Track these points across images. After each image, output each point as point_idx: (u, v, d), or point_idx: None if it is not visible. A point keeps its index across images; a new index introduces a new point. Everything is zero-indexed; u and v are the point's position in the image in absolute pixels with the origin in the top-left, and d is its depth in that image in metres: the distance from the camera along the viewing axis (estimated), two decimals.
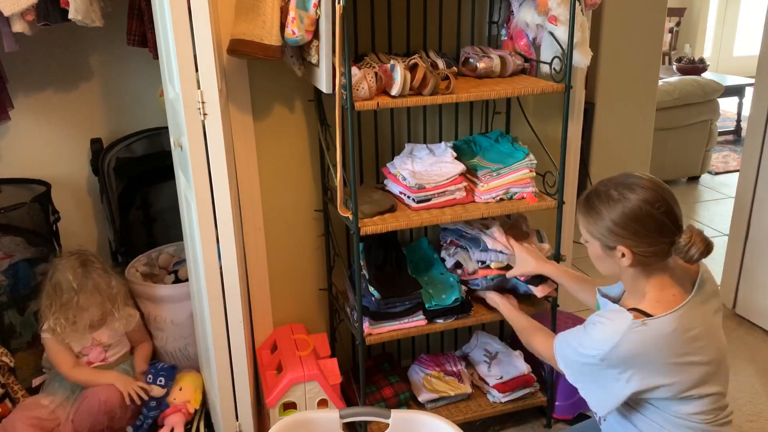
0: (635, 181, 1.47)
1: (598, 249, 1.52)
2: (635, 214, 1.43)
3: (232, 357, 1.98)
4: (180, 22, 1.64)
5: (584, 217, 1.52)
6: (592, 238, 1.51)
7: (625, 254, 1.46)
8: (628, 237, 1.44)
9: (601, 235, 1.48)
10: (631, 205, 1.43)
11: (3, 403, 2.25)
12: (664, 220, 1.44)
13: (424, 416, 1.69)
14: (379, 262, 2.17)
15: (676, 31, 7.27)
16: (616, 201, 1.45)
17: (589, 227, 1.51)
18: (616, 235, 1.45)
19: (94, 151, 2.62)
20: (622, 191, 1.45)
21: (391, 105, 1.90)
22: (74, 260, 2.23)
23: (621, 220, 1.44)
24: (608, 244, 1.48)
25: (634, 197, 1.43)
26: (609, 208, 1.45)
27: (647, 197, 1.43)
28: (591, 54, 2.10)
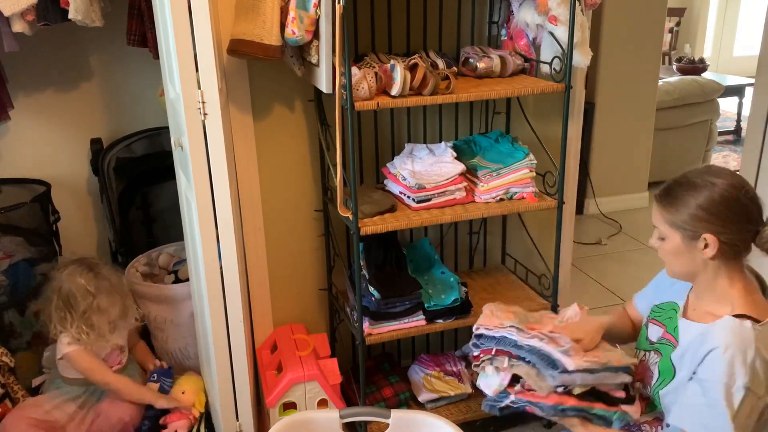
0: (717, 170, 1.44)
1: (678, 241, 1.44)
2: (724, 198, 1.39)
3: (232, 357, 1.98)
4: (180, 21, 1.64)
5: (665, 207, 1.45)
6: (673, 229, 1.44)
7: (709, 244, 1.40)
8: (715, 223, 1.39)
9: (684, 224, 1.42)
10: (719, 190, 1.39)
11: (3, 403, 2.25)
12: (751, 207, 1.41)
13: (424, 416, 1.69)
14: (379, 262, 2.17)
15: (676, 31, 7.27)
16: (701, 187, 1.41)
17: (670, 217, 1.44)
18: (702, 221, 1.40)
19: (94, 151, 2.62)
20: (707, 178, 1.42)
21: (391, 105, 1.90)
22: (79, 266, 2.19)
23: (708, 204, 1.39)
24: (693, 232, 1.41)
25: (720, 182, 1.40)
26: (695, 194, 1.40)
27: (734, 182, 1.41)
28: (591, 54, 2.10)
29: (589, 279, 3.44)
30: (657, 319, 1.61)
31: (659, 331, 1.59)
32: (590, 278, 3.44)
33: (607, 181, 4.25)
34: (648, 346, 1.61)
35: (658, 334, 1.58)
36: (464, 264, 2.60)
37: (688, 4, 7.75)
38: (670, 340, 1.53)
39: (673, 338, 1.53)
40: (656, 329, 1.60)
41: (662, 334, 1.57)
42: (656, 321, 1.61)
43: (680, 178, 1.46)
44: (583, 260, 3.61)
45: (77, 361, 2.16)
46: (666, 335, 1.56)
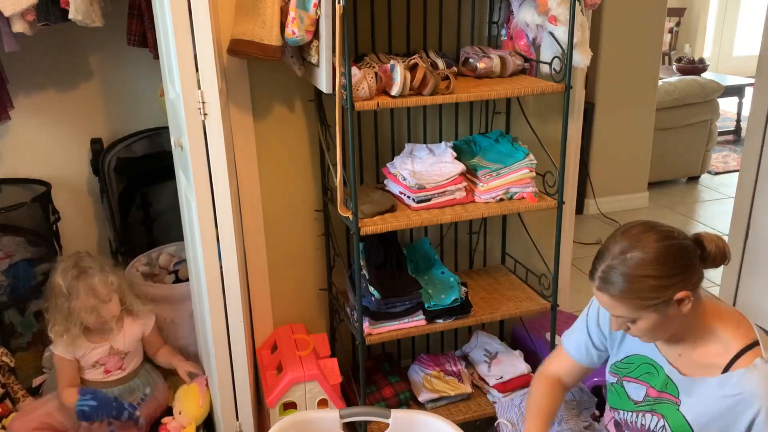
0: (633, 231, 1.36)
1: (654, 317, 1.35)
2: (670, 252, 1.32)
3: (232, 357, 1.98)
4: (180, 22, 1.64)
5: (622, 297, 1.34)
6: (644, 309, 1.34)
7: (684, 299, 1.33)
8: (679, 277, 1.32)
9: (654, 299, 1.32)
10: (659, 247, 1.32)
11: (3, 403, 2.25)
12: (687, 243, 1.35)
13: (424, 416, 1.69)
14: (379, 262, 2.17)
15: (676, 31, 7.27)
16: (642, 257, 1.31)
17: (635, 302, 1.34)
18: (668, 287, 1.32)
19: (94, 151, 2.62)
20: (636, 247, 1.32)
21: (391, 105, 1.90)
22: (67, 264, 2.14)
23: (664, 267, 1.31)
24: (664, 301, 1.32)
25: (652, 240, 1.32)
26: (644, 267, 1.31)
27: (661, 233, 1.34)
28: (591, 54, 2.10)
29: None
30: (631, 375, 1.54)
31: (642, 390, 1.51)
32: None
33: (607, 181, 4.25)
34: (633, 406, 1.53)
35: (643, 393, 1.51)
36: (464, 264, 2.60)
37: (688, 4, 7.75)
38: (668, 398, 1.46)
39: (670, 395, 1.46)
40: (637, 387, 1.52)
41: (649, 392, 1.50)
42: (632, 378, 1.53)
43: (609, 259, 1.34)
44: (583, 260, 3.61)
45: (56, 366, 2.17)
46: (659, 394, 1.48)
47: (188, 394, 2.21)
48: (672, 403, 1.45)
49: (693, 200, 4.67)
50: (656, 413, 1.48)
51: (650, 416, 1.49)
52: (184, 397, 2.21)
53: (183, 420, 2.17)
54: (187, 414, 2.17)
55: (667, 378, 1.47)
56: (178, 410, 2.19)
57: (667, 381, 1.47)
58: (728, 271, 3.10)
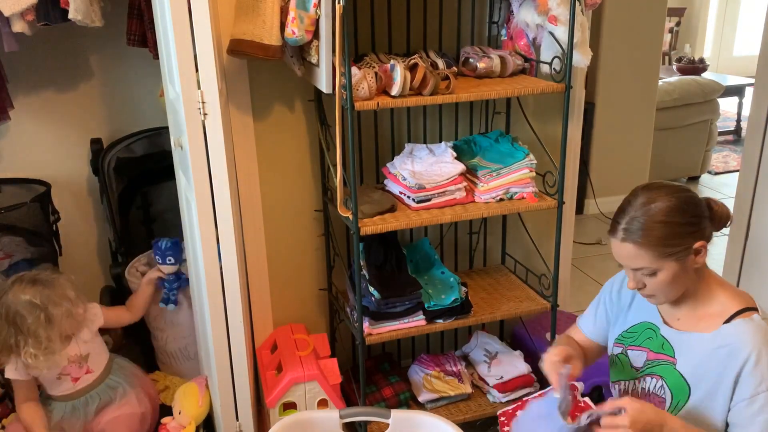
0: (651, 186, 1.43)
1: (675, 267, 1.39)
2: (688, 201, 1.40)
3: (232, 357, 1.98)
4: (180, 22, 1.64)
5: (648, 244, 1.38)
6: (667, 258, 1.38)
7: (701, 249, 1.39)
8: (698, 226, 1.39)
9: (678, 245, 1.38)
10: (678, 197, 1.39)
11: (3, 403, 2.25)
12: (699, 197, 1.43)
13: (424, 416, 1.69)
14: (379, 262, 2.17)
15: (676, 31, 7.27)
16: (665, 205, 1.38)
17: (660, 249, 1.37)
18: (689, 233, 1.38)
19: (94, 151, 2.62)
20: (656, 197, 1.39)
21: (391, 105, 1.90)
22: (20, 284, 2.00)
23: (685, 215, 1.38)
24: (685, 249, 1.38)
25: (670, 192, 1.40)
26: (669, 214, 1.37)
27: (675, 186, 1.42)
28: (591, 54, 2.10)
29: (589, 279, 3.44)
30: (634, 344, 1.57)
31: (643, 355, 1.54)
32: (590, 278, 3.45)
33: (607, 181, 4.25)
34: (635, 374, 1.56)
35: (643, 359, 1.54)
36: (464, 264, 2.60)
37: (688, 4, 7.74)
38: (665, 359, 1.49)
39: (667, 356, 1.49)
40: (639, 354, 1.55)
41: (648, 357, 1.53)
42: (635, 346, 1.57)
43: (632, 211, 1.40)
44: (583, 260, 3.61)
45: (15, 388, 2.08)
46: (656, 356, 1.51)
47: (187, 393, 2.20)
48: (668, 363, 1.49)
49: None
50: (655, 375, 1.51)
51: (650, 379, 1.52)
52: (183, 396, 2.20)
53: (183, 420, 2.16)
54: (187, 414, 2.16)
55: (663, 338, 1.51)
56: (178, 410, 2.18)
57: (663, 341, 1.51)
58: (728, 271, 3.10)
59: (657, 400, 1.50)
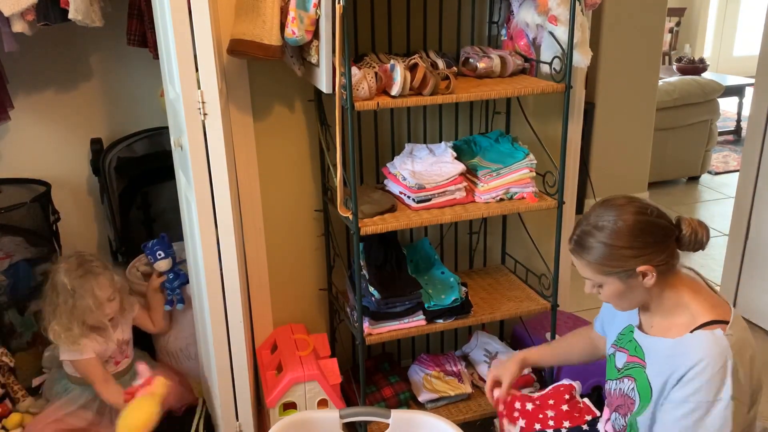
0: (613, 203, 1.44)
1: (618, 285, 1.44)
2: (639, 227, 1.40)
3: (232, 357, 1.98)
4: (180, 22, 1.64)
5: (589, 261, 1.44)
6: (608, 275, 1.44)
7: (647, 273, 1.41)
8: (643, 252, 1.40)
9: (617, 267, 1.42)
10: (631, 221, 1.40)
11: (3, 403, 2.25)
12: (662, 221, 1.43)
13: (424, 416, 1.69)
14: (379, 262, 2.17)
15: (676, 31, 7.27)
16: (611, 226, 1.40)
17: (600, 267, 1.43)
18: (630, 258, 1.40)
19: (94, 151, 2.62)
20: (610, 216, 1.41)
21: (391, 105, 1.90)
22: (69, 263, 2.15)
23: (630, 239, 1.39)
24: (627, 270, 1.41)
25: (626, 215, 1.40)
26: (612, 236, 1.40)
27: (637, 208, 1.41)
28: (591, 54, 2.10)
29: None
30: (621, 345, 1.60)
31: (624, 357, 1.57)
32: None
33: (607, 181, 4.24)
34: (617, 374, 1.59)
35: (623, 360, 1.57)
36: (464, 264, 2.60)
37: (688, 4, 7.74)
38: (637, 362, 1.52)
39: (638, 359, 1.51)
40: (622, 356, 1.59)
41: (626, 359, 1.56)
42: (621, 348, 1.60)
43: (585, 227, 1.45)
44: None
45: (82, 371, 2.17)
46: (631, 358, 1.54)
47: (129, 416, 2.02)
48: (640, 366, 1.51)
49: (693, 200, 4.67)
50: (630, 377, 1.53)
51: (627, 380, 1.55)
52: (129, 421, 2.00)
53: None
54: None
55: (635, 342, 1.54)
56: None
57: (636, 345, 1.53)
58: (728, 271, 3.10)
59: (629, 401, 1.53)
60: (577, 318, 2.64)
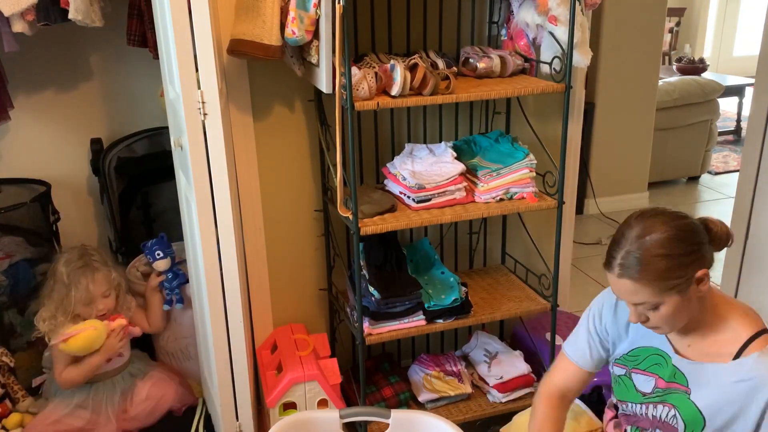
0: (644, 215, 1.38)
1: (677, 299, 1.34)
2: (684, 230, 1.34)
3: (232, 357, 1.98)
4: (180, 22, 1.64)
5: (649, 280, 1.33)
6: (668, 292, 1.33)
7: (703, 277, 1.34)
8: (697, 255, 1.34)
9: (679, 278, 1.33)
10: (674, 227, 1.33)
11: (3, 403, 2.25)
12: (695, 223, 1.38)
13: (424, 416, 1.69)
14: (379, 262, 2.17)
15: (676, 31, 7.27)
16: (660, 237, 1.32)
17: (661, 283, 1.33)
18: (687, 265, 1.33)
19: (94, 151, 2.62)
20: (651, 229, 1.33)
21: (391, 105, 1.90)
22: (71, 255, 2.21)
23: (685, 245, 1.33)
24: (686, 280, 1.33)
25: (664, 222, 1.34)
26: (667, 246, 1.32)
27: (670, 214, 1.36)
28: (591, 54, 2.10)
29: (589, 279, 3.44)
30: (639, 367, 1.53)
31: (651, 381, 1.50)
32: (590, 278, 3.45)
33: (607, 181, 4.25)
34: (642, 398, 1.52)
35: (652, 385, 1.50)
36: (464, 264, 2.60)
37: (688, 4, 7.74)
38: (678, 388, 1.45)
39: (680, 385, 1.45)
40: (646, 379, 1.51)
41: (657, 384, 1.49)
42: (640, 370, 1.53)
43: (627, 245, 1.35)
44: (583, 260, 3.61)
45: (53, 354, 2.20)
46: (667, 384, 1.47)
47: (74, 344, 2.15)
48: (682, 392, 1.44)
49: (693, 200, 4.66)
50: (667, 404, 1.47)
51: (661, 407, 1.48)
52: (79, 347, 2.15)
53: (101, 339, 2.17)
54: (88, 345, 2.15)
55: (674, 368, 1.46)
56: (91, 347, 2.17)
57: (675, 371, 1.46)
58: (728, 271, 3.10)
59: (669, 428, 1.47)
60: (576, 318, 2.63)
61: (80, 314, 2.18)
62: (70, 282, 2.15)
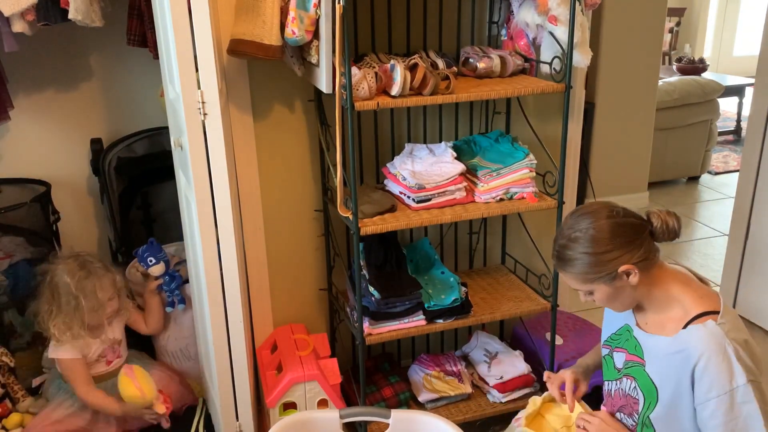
0: (581, 212, 1.48)
1: (606, 289, 1.47)
2: (611, 230, 1.43)
3: (232, 357, 1.98)
4: (180, 22, 1.64)
5: (572, 272, 1.48)
6: (594, 283, 1.47)
7: (629, 271, 1.43)
8: (620, 253, 1.42)
9: (600, 273, 1.45)
10: (598, 226, 1.43)
11: (3, 403, 2.25)
12: (632, 220, 1.45)
13: (424, 416, 1.69)
14: (379, 262, 2.17)
15: (676, 31, 7.27)
16: (584, 235, 1.44)
17: (584, 276, 1.47)
18: (609, 261, 1.43)
19: (94, 151, 2.62)
20: (580, 226, 1.45)
21: (391, 105, 1.90)
22: (71, 263, 2.17)
23: (602, 245, 1.43)
24: (609, 274, 1.44)
25: (596, 221, 1.44)
26: (585, 245, 1.44)
27: (604, 213, 1.45)
28: (591, 54, 2.10)
29: None
30: (618, 346, 1.62)
31: (623, 356, 1.59)
32: None
33: (607, 181, 4.24)
34: (616, 374, 1.61)
35: (622, 359, 1.58)
36: (464, 264, 2.60)
37: (688, 4, 7.74)
38: (636, 361, 1.53)
39: (638, 357, 1.53)
40: (620, 355, 1.60)
41: (626, 357, 1.57)
42: (618, 348, 1.61)
43: (561, 239, 1.48)
44: None
45: (65, 370, 2.19)
46: (630, 357, 1.56)
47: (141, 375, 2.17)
48: (639, 365, 1.52)
49: (693, 200, 4.66)
50: (630, 376, 1.55)
51: (626, 380, 1.56)
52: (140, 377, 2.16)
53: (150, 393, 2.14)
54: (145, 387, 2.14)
55: (635, 340, 1.55)
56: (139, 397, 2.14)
57: (636, 343, 1.55)
58: (728, 271, 3.10)
59: (632, 401, 1.54)
60: (576, 318, 2.64)
61: (89, 321, 2.16)
62: (79, 292, 2.12)
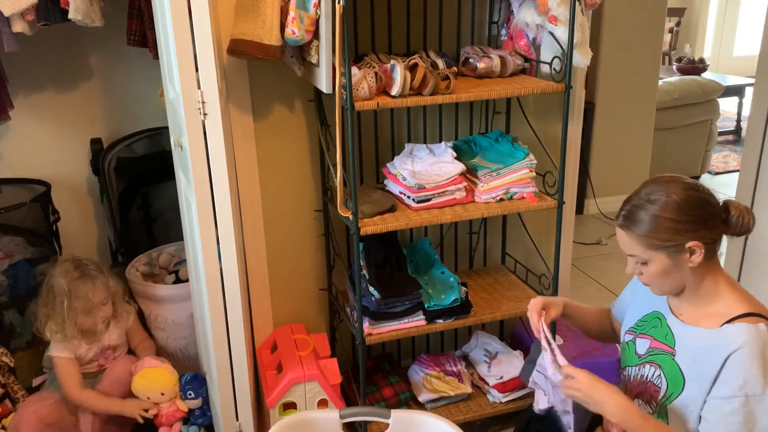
0: (663, 179, 1.44)
1: (665, 260, 1.41)
2: (691, 201, 1.38)
3: (232, 357, 1.98)
4: (180, 22, 1.64)
5: (639, 234, 1.41)
6: (656, 250, 1.40)
7: (696, 249, 1.38)
8: (694, 227, 1.38)
9: (666, 241, 1.39)
10: (683, 195, 1.38)
11: (3, 403, 2.25)
12: (712, 200, 1.41)
13: (424, 416, 1.69)
14: (379, 262, 2.17)
15: (676, 31, 7.27)
16: (666, 199, 1.38)
17: (650, 240, 1.40)
18: (681, 232, 1.38)
19: (94, 151, 2.62)
20: (661, 191, 1.40)
21: (391, 105, 1.90)
22: (67, 266, 2.20)
23: (680, 213, 1.38)
24: (676, 246, 1.38)
25: (678, 188, 1.39)
26: (663, 209, 1.38)
27: (688, 183, 1.40)
28: (591, 54, 2.10)
29: (589, 279, 3.44)
30: (643, 332, 1.59)
31: (647, 343, 1.56)
32: (590, 278, 3.44)
33: (607, 181, 4.25)
34: (637, 360, 1.57)
35: (646, 346, 1.55)
36: (464, 264, 2.60)
37: (688, 4, 7.74)
38: (665, 349, 1.50)
39: (667, 346, 1.50)
40: (643, 342, 1.57)
41: (651, 344, 1.54)
42: (643, 334, 1.58)
43: (636, 200, 1.44)
44: (583, 260, 3.61)
45: (57, 367, 2.20)
46: (656, 344, 1.53)
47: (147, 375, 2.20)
48: (668, 353, 1.49)
49: None
50: (654, 363, 1.52)
51: (649, 366, 1.53)
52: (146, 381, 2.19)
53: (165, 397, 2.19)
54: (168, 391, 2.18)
55: (668, 328, 1.52)
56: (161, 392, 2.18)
57: (668, 331, 1.51)
58: (728, 271, 3.09)
59: (653, 388, 1.51)
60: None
61: (82, 323, 2.18)
62: (71, 293, 2.15)
